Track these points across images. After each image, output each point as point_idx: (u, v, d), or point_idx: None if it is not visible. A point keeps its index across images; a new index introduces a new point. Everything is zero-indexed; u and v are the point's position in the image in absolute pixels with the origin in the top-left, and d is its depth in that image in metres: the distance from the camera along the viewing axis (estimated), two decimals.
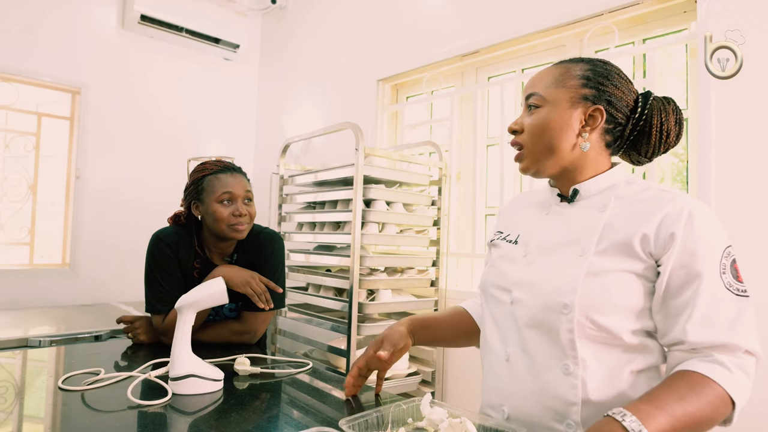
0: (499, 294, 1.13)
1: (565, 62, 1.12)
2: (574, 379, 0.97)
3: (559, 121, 1.06)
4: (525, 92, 1.13)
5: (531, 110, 1.10)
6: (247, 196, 1.74)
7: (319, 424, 1.06)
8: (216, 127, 4.22)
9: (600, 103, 1.06)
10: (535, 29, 2.44)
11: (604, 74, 1.07)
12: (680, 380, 0.90)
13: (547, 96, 1.08)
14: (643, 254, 0.96)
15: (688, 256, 0.94)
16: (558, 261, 1.04)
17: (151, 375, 1.31)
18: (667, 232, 0.94)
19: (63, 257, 3.56)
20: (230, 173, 1.74)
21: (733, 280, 0.94)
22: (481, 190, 2.82)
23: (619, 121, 1.08)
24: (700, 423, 0.87)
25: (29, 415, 1.10)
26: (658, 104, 1.08)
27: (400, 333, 1.24)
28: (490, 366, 1.15)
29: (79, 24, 3.53)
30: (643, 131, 1.08)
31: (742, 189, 1.80)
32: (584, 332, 0.97)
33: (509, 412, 1.06)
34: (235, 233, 1.70)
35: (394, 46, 3.20)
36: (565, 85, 1.07)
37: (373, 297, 2.57)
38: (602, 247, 0.99)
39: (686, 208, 0.95)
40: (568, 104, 1.06)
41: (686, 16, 2.08)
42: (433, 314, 1.36)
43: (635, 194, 1.04)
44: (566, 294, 0.97)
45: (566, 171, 1.09)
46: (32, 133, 3.43)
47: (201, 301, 1.31)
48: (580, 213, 1.07)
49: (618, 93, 1.06)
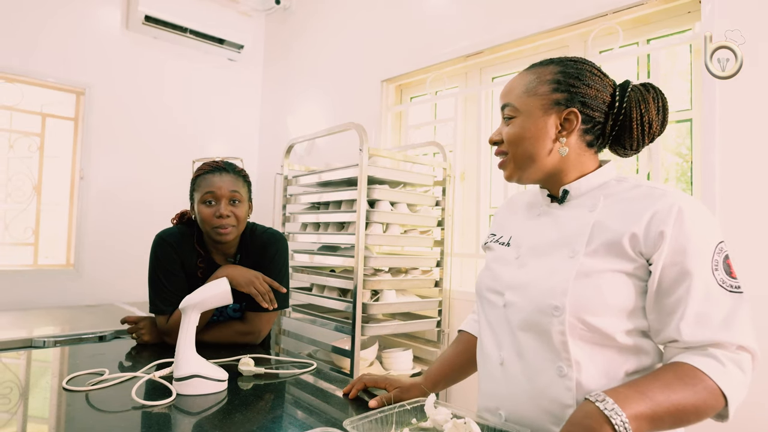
0: (492, 297, 1.13)
1: (536, 66, 1.10)
2: (569, 381, 0.96)
3: (534, 130, 1.05)
4: (500, 102, 1.12)
5: (507, 121, 1.10)
6: (233, 197, 1.69)
7: (323, 425, 1.06)
8: (220, 128, 4.23)
9: (573, 105, 1.03)
10: (539, 30, 2.43)
11: (574, 75, 1.04)
12: (669, 371, 0.90)
13: (520, 106, 1.07)
14: (633, 253, 0.95)
15: (679, 253, 0.92)
16: (549, 263, 1.03)
17: (155, 375, 1.31)
18: (656, 230, 0.93)
19: (67, 258, 3.57)
20: (217, 173, 1.70)
21: (726, 276, 0.93)
22: (485, 191, 2.81)
23: (597, 119, 1.05)
24: (686, 412, 0.86)
25: (34, 416, 1.10)
26: (636, 95, 1.04)
27: (413, 396, 1.20)
28: (485, 370, 1.14)
29: (83, 25, 3.54)
30: (624, 125, 1.05)
31: (747, 189, 1.79)
32: (577, 333, 0.96)
33: (506, 415, 1.06)
34: (218, 236, 1.68)
35: (398, 46, 3.20)
36: (536, 92, 1.05)
37: (377, 297, 2.57)
38: (592, 248, 0.98)
39: (676, 204, 0.93)
40: (541, 112, 1.04)
41: (690, 16, 2.07)
42: (446, 364, 1.32)
43: (625, 192, 1.02)
44: (557, 296, 0.96)
45: (550, 175, 1.08)
46: (36, 133, 3.45)
47: (205, 302, 1.31)
48: (570, 213, 1.06)
49: (591, 92, 1.04)
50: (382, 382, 1.25)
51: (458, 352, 1.33)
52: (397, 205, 2.62)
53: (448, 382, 1.32)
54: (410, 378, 1.28)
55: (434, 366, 1.32)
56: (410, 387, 1.24)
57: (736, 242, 1.49)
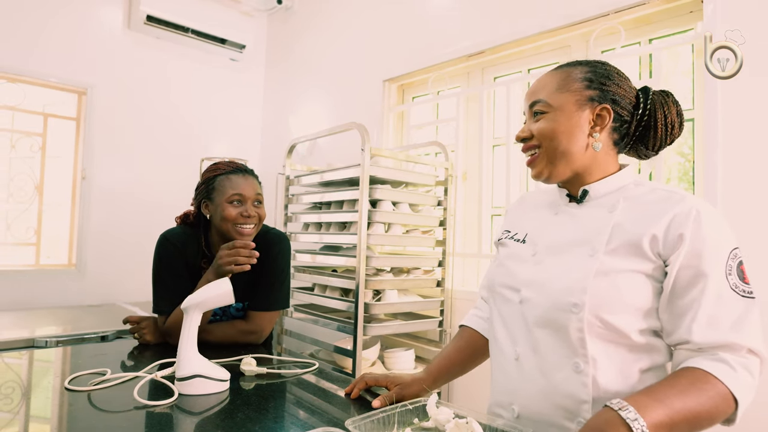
0: (507, 293, 1.14)
1: (564, 67, 1.13)
2: (585, 377, 0.97)
3: (568, 124, 1.07)
4: (528, 100, 1.13)
5: (537, 117, 1.11)
6: (257, 198, 1.74)
7: (326, 425, 1.05)
8: (222, 128, 4.23)
9: (606, 102, 1.07)
10: (541, 29, 2.43)
11: (605, 74, 1.09)
12: (682, 376, 0.91)
13: (553, 102, 1.08)
14: (652, 254, 0.97)
15: (696, 256, 0.94)
16: (568, 261, 1.04)
17: (157, 375, 1.30)
18: (676, 232, 0.95)
19: (69, 258, 3.58)
20: (242, 174, 1.75)
21: (739, 281, 0.95)
22: (487, 191, 2.81)
23: (625, 118, 1.09)
24: (700, 418, 0.87)
25: (36, 416, 1.10)
26: (659, 98, 1.09)
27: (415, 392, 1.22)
28: (499, 365, 1.15)
29: (85, 25, 3.54)
30: (648, 126, 1.09)
31: (749, 188, 1.79)
32: (594, 331, 0.97)
33: (519, 410, 1.06)
34: (239, 235, 1.70)
35: (399, 46, 3.20)
36: (569, 89, 1.08)
37: (379, 297, 2.57)
38: (612, 247, 1.00)
39: (695, 209, 0.96)
40: (575, 107, 1.07)
41: (692, 16, 2.07)
42: (447, 360, 1.33)
43: (644, 195, 1.05)
44: (576, 293, 0.98)
45: (578, 174, 1.10)
46: (38, 133, 3.45)
47: (207, 302, 1.31)
48: (590, 213, 1.08)
49: (621, 91, 1.08)
50: (383, 381, 1.25)
51: (459, 347, 1.34)
52: (399, 205, 2.61)
53: (449, 377, 1.33)
54: (411, 374, 1.28)
55: (435, 361, 1.33)
56: (411, 383, 1.24)
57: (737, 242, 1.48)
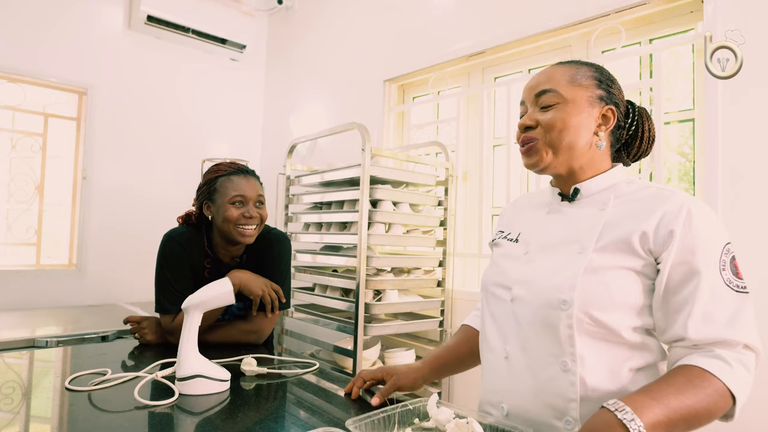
0: (499, 292, 1.14)
1: (569, 63, 1.13)
2: (573, 375, 0.97)
3: (578, 119, 1.07)
4: (535, 89, 1.11)
5: (546, 107, 1.09)
6: (259, 199, 1.76)
7: (326, 425, 1.06)
8: (222, 128, 4.23)
9: (611, 104, 1.09)
10: (542, 29, 2.43)
11: (610, 77, 1.12)
12: (679, 374, 0.91)
13: (565, 93, 1.08)
14: (643, 251, 0.97)
15: (688, 253, 0.94)
16: (558, 258, 1.05)
17: (158, 375, 1.31)
18: (666, 229, 0.95)
19: (70, 258, 3.58)
20: (243, 176, 1.76)
21: (733, 276, 0.95)
22: (488, 191, 2.81)
23: (621, 123, 1.12)
24: (698, 416, 0.87)
25: (36, 416, 1.10)
26: (644, 112, 1.15)
27: (412, 380, 1.24)
28: (489, 364, 1.15)
29: (85, 25, 3.54)
30: (635, 135, 1.14)
31: (749, 188, 1.79)
32: (583, 328, 0.97)
33: (508, 409, 1.06)
34: (241, 236, 1.71)
35: (400, 46, 3.19)
36: (581, 84, 1.09)
37: (379, 297, 2.57)
38: (602, 245, 1.00)
39: (685, 205, 0.96)
40: (587, 104, 1.08)
41: (693, 16, 2.07)
42: (445, 351, 1.34)
43: (634, 193, 1.05)
44: (565, 290, 0.98)
45: (574, 171, 1.10)
46: (39, 133, 3.45)
47: (208, 302, 1.31)
48: (581, 212, 1.08)
49: (620, 96, 1.12)
50: (379, 373, 1.26)
51: (458, 342, 1.35)
52: (399, 205, 2.61)
53: (446, 369, 1.33)
54: (407, 364, 1.28)
55: (435, 351, 1.33)
56: (407, 372, 1.25)
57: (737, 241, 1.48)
